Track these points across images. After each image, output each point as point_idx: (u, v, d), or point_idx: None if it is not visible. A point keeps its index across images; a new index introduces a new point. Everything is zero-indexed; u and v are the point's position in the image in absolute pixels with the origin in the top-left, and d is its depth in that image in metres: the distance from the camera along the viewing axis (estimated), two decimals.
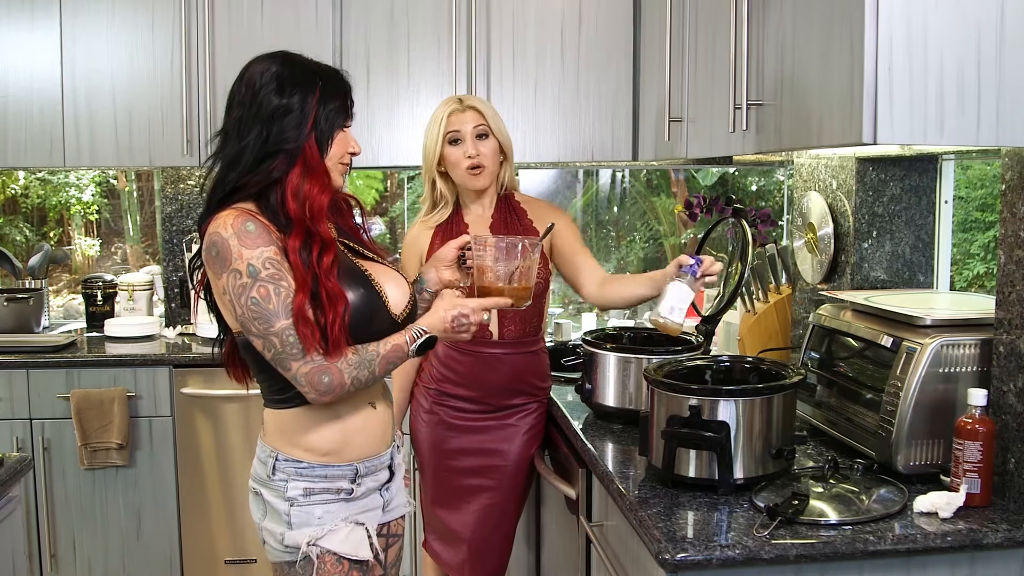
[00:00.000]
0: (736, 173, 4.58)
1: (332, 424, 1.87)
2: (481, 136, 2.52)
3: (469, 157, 2.50)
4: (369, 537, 1.90)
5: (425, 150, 2.57)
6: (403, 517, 2.08)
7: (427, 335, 1.86)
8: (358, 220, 2.02)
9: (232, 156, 1.81)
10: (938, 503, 1.73)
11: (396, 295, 1.93)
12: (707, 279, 2.21)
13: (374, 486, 1.95)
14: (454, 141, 2.51)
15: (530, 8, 3.40)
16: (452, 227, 2.59)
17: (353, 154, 1.89)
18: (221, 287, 1.76)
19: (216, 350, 2.00)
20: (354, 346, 1.80)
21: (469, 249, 2.05)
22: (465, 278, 2.09)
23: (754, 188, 4.71)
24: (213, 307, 1.90)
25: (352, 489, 1.90)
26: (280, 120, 1.78)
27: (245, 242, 1.73)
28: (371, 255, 1.98)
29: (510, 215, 2.61)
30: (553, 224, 2.29)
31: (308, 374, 1.75)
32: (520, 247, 1.98)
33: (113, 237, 5.19)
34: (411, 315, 1.96)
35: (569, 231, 2.62)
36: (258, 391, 1.95)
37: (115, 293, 3.83)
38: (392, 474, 2.01)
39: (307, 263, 1.76)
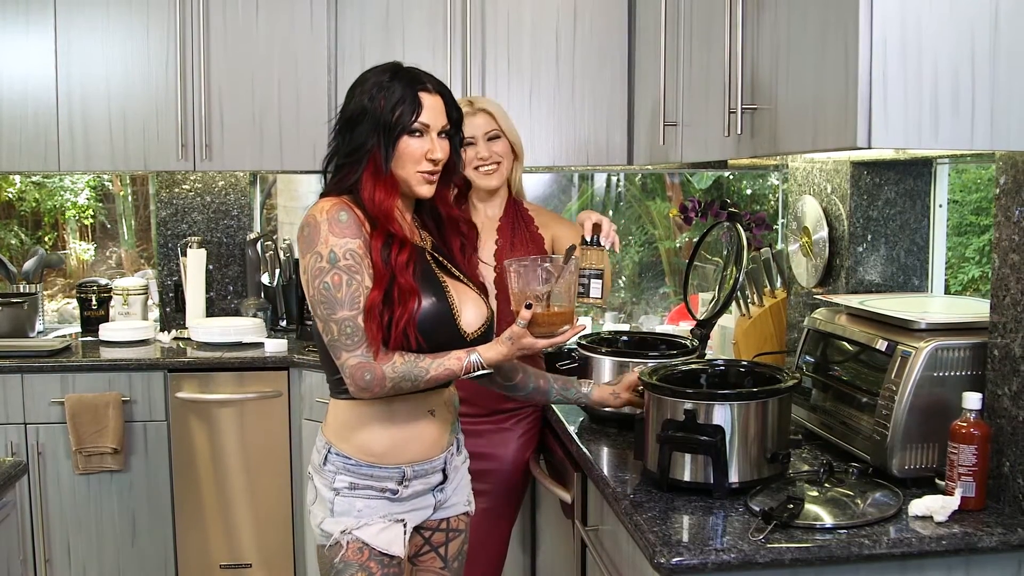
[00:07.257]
0: (731, 177, 4.58)
1: (385, 428, 1.91)
2: (493, 139, 2.55)
3: (481, 158, 2.52)
4: (405, 535, 1.93)
5: None
6: (466, 514, 2.10)
7: (485, 371, 1.89)
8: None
9: (328, 156, 1.94)
10: (933, 507, 1.73)
11: (471, 315, 1.95)
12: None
13: (424, 488, 1.98)
14: (466, 145, 2.50)
15: (525, 12, 3.40)
16: None
17: (432, 160, 1.89)
18: (303, 266, 1.84)
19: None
20: (404, 355, 1.83)
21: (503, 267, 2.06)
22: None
23: (749, 192, 4.72)
24: None
25: (398, 490, 1.93)
26: (356, 124, 1.86)
27: (334, 229, 1.81)
28: (459, 276, 1.99)
29: (518, 220, 2.62)
30: (575, 246, 2.22)
31: (353, 367, 1.81)
32: (551, 265, 1.96)
33: (108, 241, 5.19)
34: (485, 337, 1.98)
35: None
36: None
37: (110, 297, 3.82)
38: (445, 477, 2.02)
39: (386, 261, 1.82)
